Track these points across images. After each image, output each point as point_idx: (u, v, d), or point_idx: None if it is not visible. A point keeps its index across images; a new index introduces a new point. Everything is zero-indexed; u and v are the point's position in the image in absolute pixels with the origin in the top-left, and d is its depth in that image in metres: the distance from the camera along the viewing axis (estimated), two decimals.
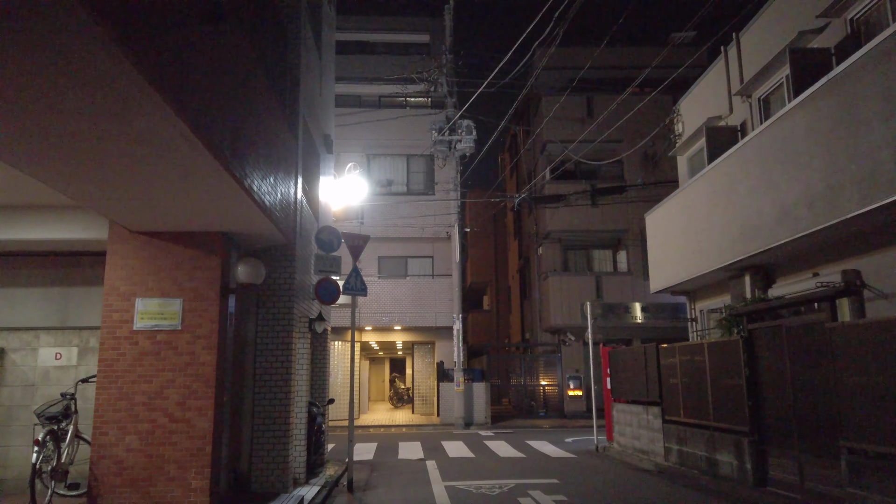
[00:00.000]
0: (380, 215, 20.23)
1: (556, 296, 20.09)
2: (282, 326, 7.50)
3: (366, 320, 19.62)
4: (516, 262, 27.63)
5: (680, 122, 13.28)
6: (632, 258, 20.50)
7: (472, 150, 18.87)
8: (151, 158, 4.40)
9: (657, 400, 10.48)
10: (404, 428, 18.14)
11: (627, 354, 12.20)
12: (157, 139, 4.05)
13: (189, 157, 4.35)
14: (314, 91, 9.32)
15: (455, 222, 19.02)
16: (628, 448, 11.75)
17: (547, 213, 20.66)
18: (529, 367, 20.93)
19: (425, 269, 20.95)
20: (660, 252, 12.89)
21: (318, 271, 8.91)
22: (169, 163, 4.52)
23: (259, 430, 7.29)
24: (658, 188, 19.26)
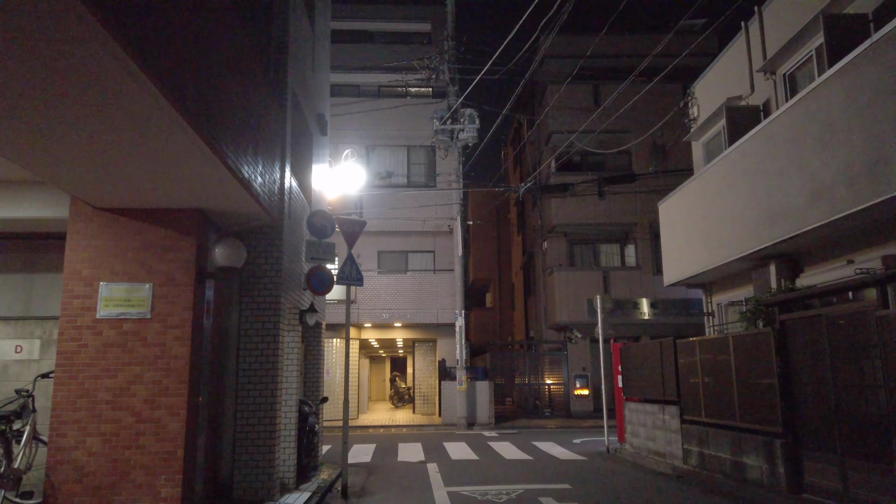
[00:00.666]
0: (379, 208, 19.54)
1: (562, 291, 19.39)
2: (268, 317, 6.80)
3: (365, 317, 18.93)
4: (520, 258, 26.94)
5: (695, 106, 12.57)
6: (640, 252, 19.79)
7: (475, 140, 18.18)
8: (109, 117, 3.75)
9: (674, 398, 9.77)
10: (405, 428, 17.45)
11: (641, 351, 11.50)
12: (115, 94, 3.42)
13: (152, 113, 3.69)
14: (305, 64, 8.63)
15: (457, 215, 18.32)
16: (642, 449, 11.05)
17: (553, 206, 19.96)
18: (534, 365, 20.24)
19: (426, 263, 20.28)
20: (674, 242, 12.18)
21: (310, 259, 8.22)
22: (130, 124, 3.86)
23: (242, 432, 6.60)
24: (668, 178, 18.54)
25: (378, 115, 20.13)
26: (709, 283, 12.05)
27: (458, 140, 18.22)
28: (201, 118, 4.10)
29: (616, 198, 19.81)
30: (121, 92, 3.44)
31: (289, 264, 7.45)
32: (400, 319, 19.13)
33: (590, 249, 20.69)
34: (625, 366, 12.14)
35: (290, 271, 7.51)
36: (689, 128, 12.84)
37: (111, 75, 3.24)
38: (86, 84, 3.35)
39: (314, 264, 8.26)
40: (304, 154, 8.92)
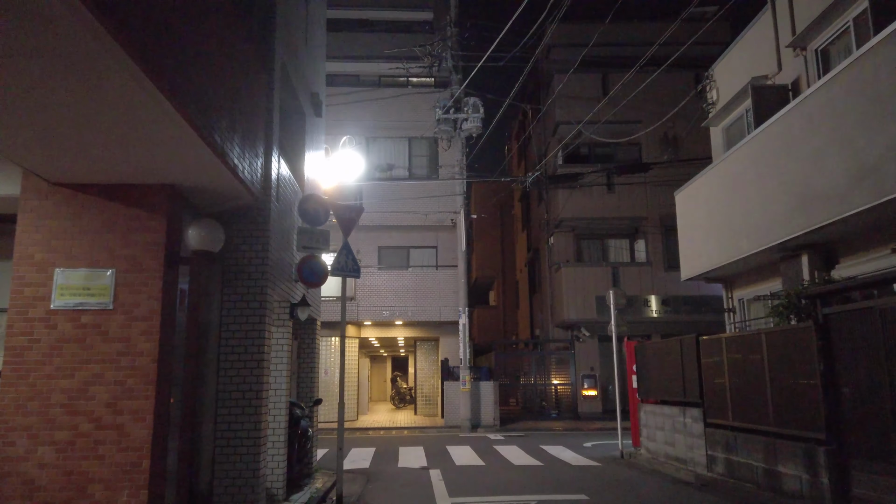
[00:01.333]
0: (380, 201, 18.82)
1: (570, 288, 18.66)
2: (253, 310, 6.09)
3: (365, 314, 18.22)
4: (525, 255, 26.21)
5: (714, 90, 11.84)
6: (651, 247, 19.04)
7: (479, 131, 17.44)
8: (57, 71, 3.09)
9: (697, 400, 9.04)
10: (406, 430, 16.73)
11: (658, 349, 10.77)
12: (64, 40, 2.75)
13: (110, 68, 3.02)
14: (296, 34, 7.91)
15: (461, 208, 17.61)
16: (659, 455, 10.32)
17: (559, 199, 19.23)
18: (540, 364, 19.51)
19: (428, 259, 19.56)
20: (692, 234, 11.46)
21: (302, 248, 7.52)
22: (81, 80, 3.19)
23: (223, 438, 5.88)
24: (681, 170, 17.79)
25: (378, 105, 19.42)
26: (730, 277, 11.32)
27: (462, 130, 17.50)
28: (162, 67, 3.39)
29: (625, 191, 19.07)
30: (68, 36, 2.76)
31: (278, 252, 6.74)
32: (401, 317, 18.42)
33: (598, 245, 19.95)
34: (640, 365, 11.41)
35: (278, 260, 6.80)
36: (707, 113, 12.10)
37: (57, 17, 2.56)
38: (28, 27, 2.68)
39: (306, 254, 7.55)
40: (295, 133, 8.21)
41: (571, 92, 19.41)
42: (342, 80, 19.78)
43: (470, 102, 17.28)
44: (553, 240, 20.02)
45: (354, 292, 18.23)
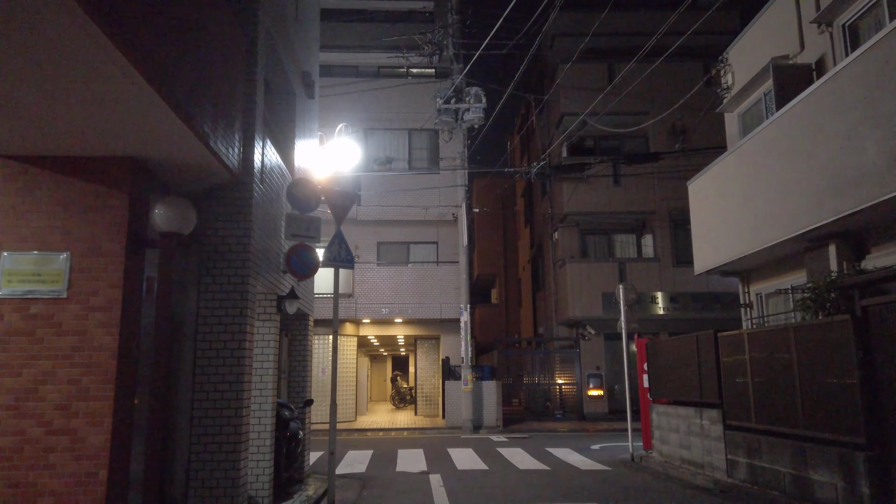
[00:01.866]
0: (378, 195, 18.25)
1: (575, 284, 18.06)
2: (233, 302, 5.50)
3: (363, 312, 17.65)
4: (528, 252, 25.62)
5: (729, 73, 11.24)
6: (659, 243, 18.43)
7: (481, 121, 16.87)
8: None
9: (715, 401, 8.45)
10: (405, 432, 16.15)
11: (671, 346, 10.17)
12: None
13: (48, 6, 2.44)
14: (286, 5, 7.32)
15: (462, 201, 17.02)
16: (673, 458, 9.73)
17: (564, 193, 18.63)
18: (544, 363, 18.92)
19: (429, 256, 18.99)
20: (707, 226, 10.86)
21: (291, 236, 6.93)
22: (22, 26, 2.62)
23: (200, 443, 5.30)
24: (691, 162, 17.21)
25: (377, 96, 18.85)
26: (747, 270, 10.72)
27: (463, 121, 16.92)
28: (109, 10, 2.81)
29: (632, 184, 18.47)
30: None
31: (263, 240, 6.16)
32: (400, 315, 17.84)
33: (604, 240, 19.35)
34: (652, 364, 10.82)
35: (264, 248, 6.22)
36: (721, 99, 11.50)
37: None
38: None
39: (296, 242, 6.97)
40: (283, 113, 7.63)
41: (576, 82, 18.83)
42: (340, 71, 19.21)
43: (472, 92, 16.71)
44: (557, 235, 19.43)
45: (352, 289, 17.67)
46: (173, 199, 4.53)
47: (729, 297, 17.73)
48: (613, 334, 18.76)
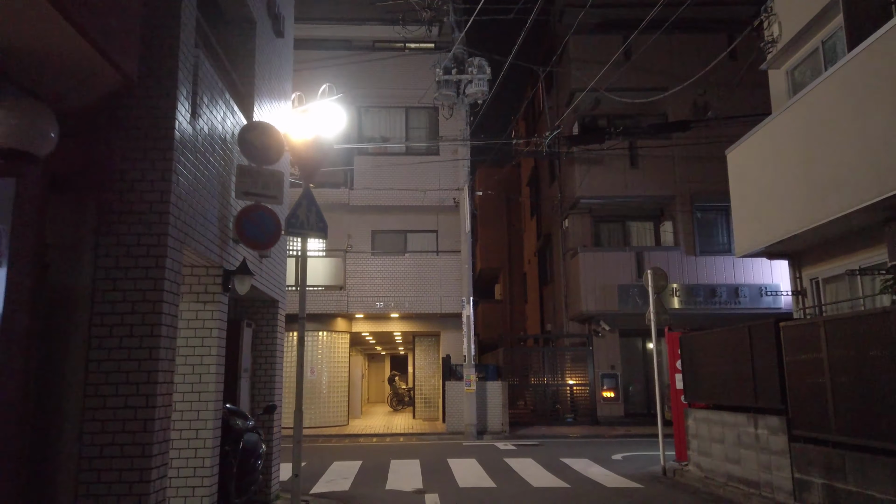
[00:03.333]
0: (373, 179, 16.70)
1: (587, 276, 16.47)
2: (144, 272, 3.93)
3: (356, 306, 16.08)
4: (534, 244, 24.04)
5: (775, 24, 9.64)
6: (680, 230, 16.83)
7: (485, 96, 15.30)
8: None
9: (777, 406, 6.86)
10: (402, 437, 14.59)
11: (713, 340, 8.57)
12: None
13: None
14: None
15: (465, 184, 15.45)
16: (717, 474, 8.14)
17: (576, 176, 17.05)
18: (553, 363, 17.32)
19: (428, 246, 17.42)
20: (751, 199, 9.28)
21: (243, 194, 5.37)
22: None
23: (91, 468, 3.73)
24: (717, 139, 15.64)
25: (372, 72, 17.28)
26: (799, 252, 9.14)
27: (466, 96, 15.34)
28: None
29: (651, 166, 16.88)
30: None
31: (197, 194, 4.59)
32: (397, 309, 16.27)
33: (619, 228, 17.78)
34: (687, 361, 9.22)
35: (199, 206, 4.65)
36: (765, 54, 9.92)
37: None
38: None
39: (250, 202, 5.41)
40: (238, 44, 6.07)
41: (588, 56, 17.25)
42: (332, 45, 17.64)
43: (475, 63, 15.13)
44: (567, 223, 17.85)
45: (344, 281, 16.12)
46: (14, 100, 2.96)
47: (756, 289, 16.17)
48: (630, 330, 17.20)
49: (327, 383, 16.26)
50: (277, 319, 7.28)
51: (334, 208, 16.84)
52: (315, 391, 16.05)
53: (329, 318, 16.36)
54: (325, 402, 16.13)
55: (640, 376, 17.39)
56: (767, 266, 16.31)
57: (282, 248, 7.50)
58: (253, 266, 6.12)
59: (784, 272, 16.15)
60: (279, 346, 7.28)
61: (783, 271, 16.15)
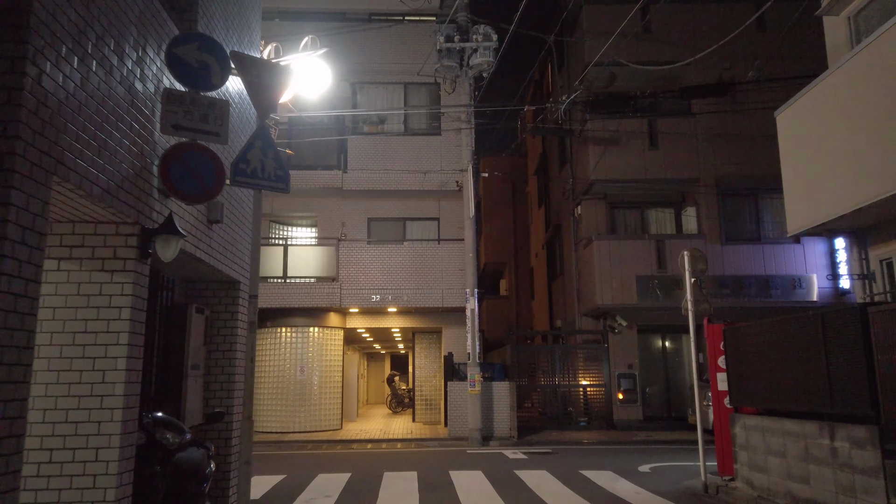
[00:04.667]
0: (369, 161, 15.31)
1: (603, 267, 15.05)
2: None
3: (349, 299, 14.68)
4: (542, 235, 22.62)
5: None
6: (704, 216, 15.39)
7: (491, 67, 13.91)
8: None
9: (866, 413, 5.45)
10: (399, 444, 13.19)
11: (767, 332, 7.14)
12: None
13: None
14: None
15: (468, 164, 14.04)
16: (775, 493, 6.72)
17: (590, 157, 15.61)
18: (564, 361, 15.89)
19: (429, 235, 16.04)
20: (807, 167, 7.87)
21: (173, 128, 3.97)
22: None
23: None
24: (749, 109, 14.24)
25: (368, 46, 15.90)
26: (866, 227, 7.72)
27: (470, 67, 13.96)
28: None
29: (672, 146, 15.44)
30: None
31: (82, 106, 3.19)
32: (395, 303, 14.87)
33: (636, 215, 16.35)
34: (733, 358, 7.79)
35: (89, 126, 3.25)
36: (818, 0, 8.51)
37: None
38: None
39: (182, 139, 4.02)
40: None
41: (603, 27, 15.79)
42: (326, 17, 16.25)
43: (480, 31, 13.74)
44: (580, 210, 16.43)
45: (336, 271, 14.73)
46: None
47: (788, 280, 14.74)
48: (649, 326, 15.79)
49: (319, 384, 14.87)
50: (238, 304, 5.88)
51: (326, 193, 15.48)
52: (305, 393, 14.67)
53: (320, 313, 14.97)
54: (317, 404, 14.75)
55: (660, 376, 15.96)
56: (800, 255, 14.88)
57: (242, 214, 6.11)
58: (198, 233, 4.73)
59: (821, 261, 14.77)
60: (241, 337, 5.88)
61: (819, 259, 14.74)
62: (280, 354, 14.78)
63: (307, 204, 15.88)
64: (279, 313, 14.79)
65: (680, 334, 16.22)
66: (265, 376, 14.78)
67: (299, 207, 15.95)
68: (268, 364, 14.80)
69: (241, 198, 6.04)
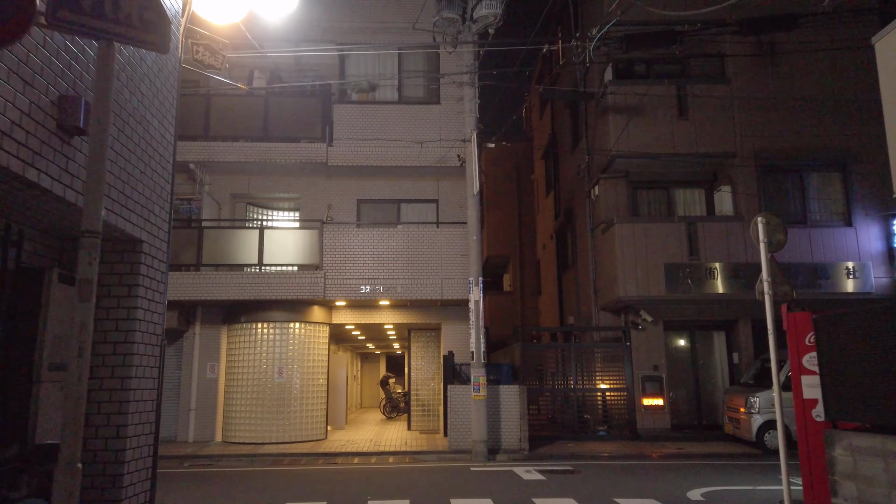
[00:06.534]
0: (358, 132, 13.38)
1: (626, 253, 13.15)
2: None
3: (335, 291, 12.72)
4: (550, 225, 20.71)
5: None
6: (742, 196, 13.47)
7: (498, 21, 11.97)
8: None
9: None
10: (391, 457, 11.28)
11: (880, 323, 5.22)
12: None
13: None
14: None
15: (472, 133, 12.11)
16: None
17: (610, 130, 13.70)
18: (579, 362, 13.91)
19: (427, 216, 14.15)
20: None
21: None
22: None
23: None
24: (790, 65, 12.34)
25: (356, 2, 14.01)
26: None
27: (474, 21, 12.02)
28: None
29: (704, 115, 13.55)
30: None
31: None
32: (387, 295, 12.91)
33: (661, 195, 14.43)
34: (828, 357, 5.87)
35: None
36: None
37: None
38: None
39: None
40: None
41: None
42: None
43: None
44: (598, 190, 14.52)
45: (320, 258, 12.79)
46: None
47: (840, 269, 12.85)
48: (676, 322, 13.88)
49: (300, 387, 12.93)
50: (140, 275, 3.95)
51: (309, 170, 13.57)
52: (284, 398, 12.74)
53: (302, 307, 13.04)
54: (297, 411, 12.82)
55: (689, 379, 14.05)
56: (853, 239, 13.03)
57: (146, 133, 4.17)
58: (36, 143, 2.81)
59: (876, 246, 12.86)
60: (145, 323, 3.95)
61: (874, 245, 12.87)
62: (256, 354, 12.85)
63: (289, 184, 13.98)
64: (254, 307, 12.87)
65: (710, 331, 14.33)
66: (238, 379, 12.85)
67: (280, 187, 14.04)
68: (241, 365, 12.88)
69: (142, 108, 4.08)
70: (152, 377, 4.13)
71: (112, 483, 3.74)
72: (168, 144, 4.39)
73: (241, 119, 13.43)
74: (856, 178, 13.30)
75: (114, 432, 3.77)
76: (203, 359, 13.21)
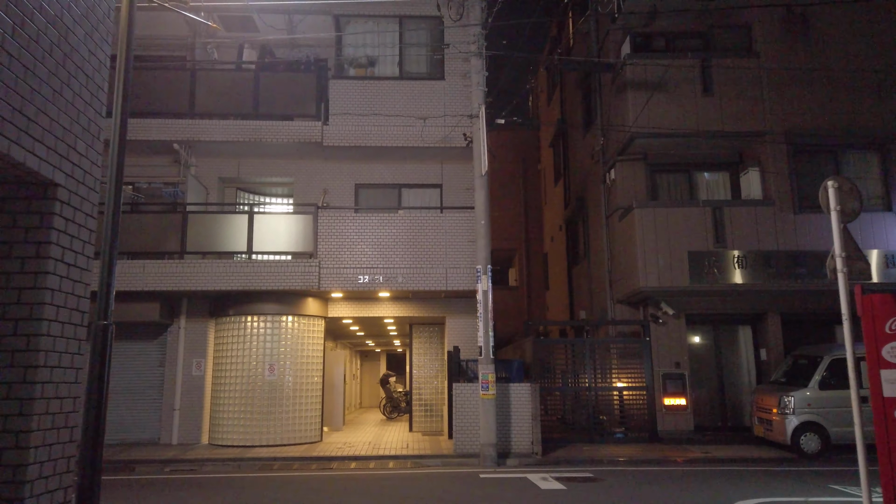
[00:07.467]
0: (355, 109, 12.36)
1: (647, 240, 12.12)
2: None
3: (330, 281, 11.68)
4: (559, 215, 19.69)
5: None
6: (772, 179, 12.43)
7: None
8: None
9: None
10: (391, 462, 10.27)
11: None
12: None
13: None
14: None
15: (479, 108, 11.09)
16: None
17: (629, 107, 12.66)
18: (594, 359, 12.87)
19: (429, 204, 13.14)
20: None
21: None
22: None
23: None
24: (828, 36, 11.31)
25: None
26: None
27: None
28: None
29: (730, 91, 12.52)
30: None
31: None
32: (387, 285, 11.87)
33: (683, 179, 13.41)
34: None
35: None
36: None
37: None
38: None
39: None
40: None
41: None
42: None
43: None
44: (614, 174, 13.49)
45: (314, 246, 11.78)
46: None
47: (881, 257, 11.83)
48: (699, 316, 12.86)
49: (293, 386, 11.93)
50: (52, 230, 2.94)
51: (304, 152, 12.57)
52: (275, 397, 11.74)
53: (296, 299, 12.03)
54: (290, 411, 11.81)
55: (712, 377, 13.03)
56: (893, 225, 11.98)
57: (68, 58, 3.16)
58: None
59: None
60: (56, 294, 2.94)
61: None
62: (245, 349, 11.85)
63: (282, 167, 12.97)
64: (244, 298, 11.87)
65: (735, 326, 13.30)
66: (226, 377, 11.86)
67: (272, 171, 13.04)
68: (230, 361, 11.88)
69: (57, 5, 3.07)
70: (74, 367, 3.12)
71: None
72: (99, 65, 3.38)
73: (230, 95, 12.42)
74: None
75: (12, 440, 2.77)
76: (188, 355, 12.20)
